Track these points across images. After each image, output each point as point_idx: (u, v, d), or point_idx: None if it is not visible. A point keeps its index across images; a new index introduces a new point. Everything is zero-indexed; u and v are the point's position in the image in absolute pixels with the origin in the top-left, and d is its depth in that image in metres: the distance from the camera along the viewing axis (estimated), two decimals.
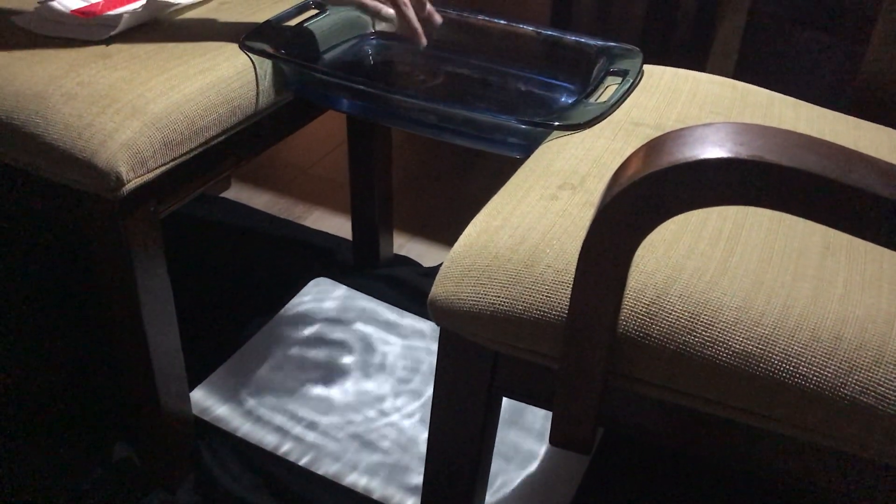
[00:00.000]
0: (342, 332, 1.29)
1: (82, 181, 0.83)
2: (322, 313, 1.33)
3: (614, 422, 0.68)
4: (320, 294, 1.36)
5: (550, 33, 1.04)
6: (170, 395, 1.00)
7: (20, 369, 1.19)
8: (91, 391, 1.17)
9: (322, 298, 1.36)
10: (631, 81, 0.91)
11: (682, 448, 0.67)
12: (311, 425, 1.14)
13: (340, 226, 1.56)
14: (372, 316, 1.33)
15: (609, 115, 0.86)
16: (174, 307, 0.96)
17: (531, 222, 0.70)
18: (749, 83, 0.95)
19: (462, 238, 0.71)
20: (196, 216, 1.55)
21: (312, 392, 1.19)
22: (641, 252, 0.66)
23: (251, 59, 0.95)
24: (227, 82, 0.92)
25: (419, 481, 1.07)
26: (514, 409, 1.18)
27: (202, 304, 1.33)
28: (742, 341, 0.60)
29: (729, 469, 1.10)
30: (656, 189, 0.51)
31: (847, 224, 0.49)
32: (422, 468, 1.08)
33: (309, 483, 1.06)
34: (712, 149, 0.49)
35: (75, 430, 1.11)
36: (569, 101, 0.99)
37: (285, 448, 1.11)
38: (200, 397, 1.17)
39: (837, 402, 0.59)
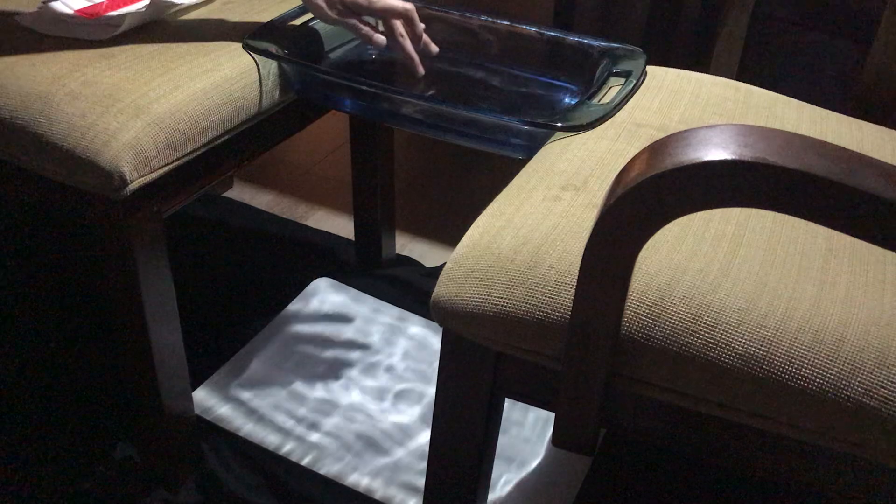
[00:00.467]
0: (344, 332, 1.29)
1: (86, 181, 0.83)
2: (324, 313, 1.33)
3: (616, 423, 0.68)
4: (322, 294, 1.37)
5: (553, 34, 1.04)
6: (172, 395, 1.00)
7: (22, 369, 1.20)
8: (93, 391, 1.17)
9: (324, 298, 1.36)
10: (634, 82, 0.91)
11: (684, 449, 0.67)
12: (314, 425, 1.14)
13: (343, 226, 1.56)
14: (374, 316, 1.33)
15: (612, 117, 0.86)
16: (177, 307, 0.96)
17: (534, 223, 0.70)
18: (752, 84, 0.95)
19: (465, 238, 0.71)
20: (199, 216, 1.55)
21: (314, 392, 1.19)
22: (644, 253, 0.66)
23: (254, 60, 0.95)
24: (231, 82, 0.92)
25: (421, 482, 1.07)
26: (517, 410, 1.18)
27: (205, 304, 1.33)
28: (745, 343, 0.60)
29: (731, 470, 1.10)
30: (659, 191, 0.51)
31: (850, 226, 0.49)
32: (424, 468, 1.08)
33: (311, 483, 1.06)
34: (715, 151, 0.49)
35: (77, 430, 1.11)
36: (572, 102, 0.99)
37: (287, 448, 1.11)
38: (202, 397, 1.17)
39: (840, 405, 0.59)
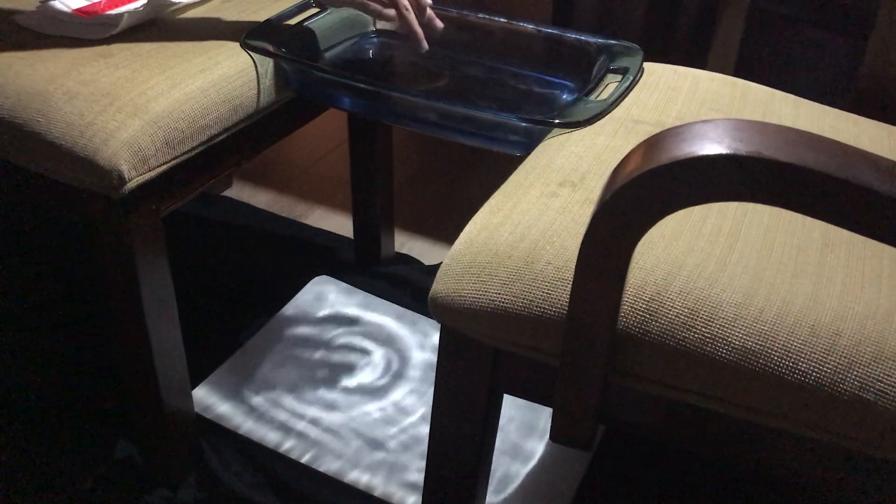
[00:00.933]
0: (343, 330, 1.30)
1: (84, 179, 0.83)
2: (323, 311, 1.33)
3: (615, 418, 0.68)
4: (322, 292, 1.37)
5: (551, 31, 1.04)
6: (172, 393, 1.00)
7: (22, 368, 1.20)
8: (93, 389, 1.17)
9: (323, 296, 1.36)
10: (631, 79, 0.92)
11: (683, 444, 0.68)
12: (313, 423, 1.14)
13: (342, 224, 1.56)
14: (373, 314, 1.33)
15: (609, 113, 0.86)
16: (176, 305, 0.97)
17: (531, 219, 0.70)
18: (749, 80, 0.95)
19: (463, 235, 0.71)
20: (197, 215, 1.55)
21: (314, 390, 1.19)
22: (641, 249, 0.66)
23: (252, 58, 0.96)
24: (229, 81, 0.92)
25: (420, 478, 1.07)
26: (516, 406, 1.18)
27: (204, 302, 1.33)
28: (742, 337, 0.60)
29: (729, 465, 1.10)
30: (656, 185, 0.51)
31: (846, 220, 0.49)
32: (423, 465, 1.08)
33: (311, 480, 1.07)
34: (711, 145, 0.49)
35: (77, 429, 1.11)
36: (569, 99, 0.99)
37: (287, 446, 1.11)
38: (202, 395, 1.17)
39: (837, 398, 0.59)
